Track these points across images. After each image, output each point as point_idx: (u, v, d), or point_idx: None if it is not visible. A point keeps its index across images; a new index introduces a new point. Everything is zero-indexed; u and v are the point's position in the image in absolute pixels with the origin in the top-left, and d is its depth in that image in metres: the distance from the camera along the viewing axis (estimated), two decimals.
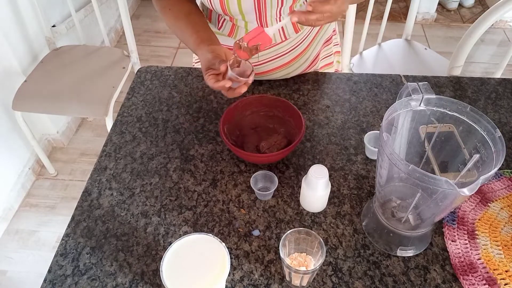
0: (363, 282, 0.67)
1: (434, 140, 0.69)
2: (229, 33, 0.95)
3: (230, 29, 0.94)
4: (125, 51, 1.81)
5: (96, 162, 0.86)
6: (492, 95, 1.00)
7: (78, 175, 1.93)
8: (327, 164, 0.84)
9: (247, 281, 0.67)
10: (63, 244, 0.72)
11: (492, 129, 0.59)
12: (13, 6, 1.68)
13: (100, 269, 0.69)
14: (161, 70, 1.07)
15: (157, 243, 0.72)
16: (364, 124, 0.93)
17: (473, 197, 0.77)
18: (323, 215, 0.76)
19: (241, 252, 0.71)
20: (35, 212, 1.79)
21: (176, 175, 0.83)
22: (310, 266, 0.64)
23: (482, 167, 0.60)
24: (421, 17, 2.87)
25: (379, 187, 0.68)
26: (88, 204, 0.78)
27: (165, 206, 0.78)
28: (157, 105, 0.98)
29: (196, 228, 0.74)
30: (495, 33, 2.81)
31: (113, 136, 0.91)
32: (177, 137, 0.90)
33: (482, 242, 0.71)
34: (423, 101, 0.64)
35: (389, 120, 0.63)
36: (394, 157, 0.56)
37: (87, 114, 1.66)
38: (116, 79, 1.68)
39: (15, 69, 1.73)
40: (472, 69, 2.52)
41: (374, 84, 1.03)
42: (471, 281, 0.66)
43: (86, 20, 2.03)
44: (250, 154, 0.82)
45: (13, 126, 1.75)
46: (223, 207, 0.77)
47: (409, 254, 0.70)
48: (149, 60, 2.59)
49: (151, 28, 2.85)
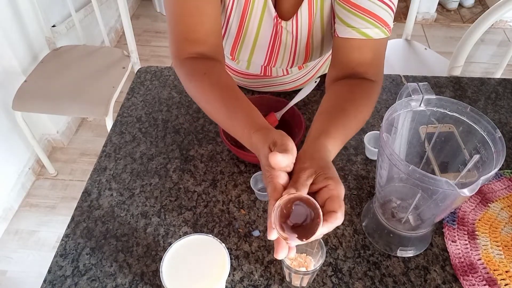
0: (363, 282, 0.67)
1: (434, 141, 0.69)
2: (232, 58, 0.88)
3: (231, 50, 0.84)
4: (125, 51, 1.81)
5: (96, 163, 0.86)
6: (492, 95, 1.00)
7: (78, 175, 1.93)
8: None
9: (247, 282, 0.67)
10: (63, 245, 0.72)
11: (492, 130, 0.59)
12: (13, 6, 1.68)
13: (100, 270, 0.69)
14: (161, 70, 1.07)
15: (157, 243, 0.72)
16: (364, 124, 0.92)
17: (473, 197, 0.77)
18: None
19: (241, 253, 0.71)
20: (35, 212, 1.79)
21: (176, 176, 0.83)
22: (310, 266, 0.64)
23: (482, 168, 0.60)
24: (421, 17, 2.87)
25: (379, 188, 0.68)
26: (88, 205, 0.78)
27: (165, 207, 0.77)
28: (157, 105, 0.98)
29: (196, 228, 0.74)
30: (495, 33, 2.81)
31: (113, 137, 0.91)
32: (177, 138, 0.90)
33: (482, 242, 0.71)
34: (423, 101, 0.64)
35: (389, 120, 0.63)
36: (394, 157, 0.56)
37: (87, 114, 1.66)
38: (116, 79, 1.68)
39: (15, 69, 1.73)
40: (472, 69, 2.52)
41: None
42: (471, 281, 0.66)
43: (86, 20, 2.03)
44: (250, 155, 0.82)
45: (13, 126, 1.75)
46: (223, 207, 0.77)
47: (409, 254, 0.69)
48: (149, 60, 2.59)
49: (151, 28, 2.85)
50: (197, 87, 0.68)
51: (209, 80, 0.67)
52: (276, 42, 0.80)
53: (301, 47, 0.80)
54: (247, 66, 0.88)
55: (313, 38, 0.79)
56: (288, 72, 0.92)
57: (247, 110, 0.62)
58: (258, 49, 0.81)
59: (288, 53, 0.82)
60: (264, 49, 0.82)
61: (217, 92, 0.66)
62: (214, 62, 0.71)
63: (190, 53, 0.71)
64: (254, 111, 0.62)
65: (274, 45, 0.81)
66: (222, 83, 0.67)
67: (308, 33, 0.78)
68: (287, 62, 0.84)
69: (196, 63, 0.70)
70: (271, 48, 0.81)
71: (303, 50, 0.81)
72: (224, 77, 0.69)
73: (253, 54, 0.82)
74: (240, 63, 0.89)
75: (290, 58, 0.83)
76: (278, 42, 0.80)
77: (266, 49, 0.82)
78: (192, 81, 0.69)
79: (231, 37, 0.80)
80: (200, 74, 0.68)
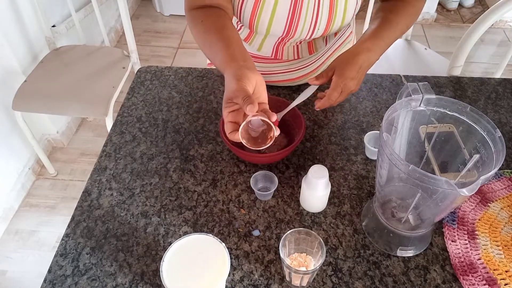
0: (363, 282, 0.67)
1: (434, 140, 0.69)
2: (245, 39, 0.94)
3: (247, 35, 0.93)
4: (125, 51, 1.81)
5: (96, 162, 0.86)
6: (492, 95, 1.00)
7: (78, 175, 1.93)
8: (327, 164, 0.84)
9: (247, 281, 0.67)
10: (63, 244, 0.72)
11: (492, 129, 0.59)
12: (13, 6, 1.68)
13: (100, 269, 0.69)
14: (161, 70, 1.07)
15: (157, 243, 0.72)
16: (364, 124, 0.92)
17: (473, 197, 0.77)
18: (323, 215, 0.76)
19: (241, 252, 0.71)
20: (35, 212, 1.79)
21: (176, 175, 0.83)
22: (310, 266, 0.64)
23: (482, 167, 0.60)
24: (421, 17, 2.87)
25: (379, 187, 0.68)
26: (88, 204, 0.78)
27: (165, 206, 0.78)
28: (157, 105, 0.98)
29: (196, 228, 0.74)
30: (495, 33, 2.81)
31: (113, 136, 0.91)
32: (177, 137, 0.90)
33: (482, 242, 0.71)
34: (423, 101, 0.64)
35: (389, 120, 0.63)
36: (394, 157, 0.56)
37: (87, 114, 1.66)
38: (116, 79, 1.68)
39: (15, 69, 1.73)
40: (472, 69, 2.52)
41: (374, 84, 1.03)
42: (471, 281, 0.66)
43: (86, 20, 2.03)
44: (250, 154, 0.82)
45: (13, 126, 1.75)
46: (223, 207, 0.77)
47: (409, 254, 0.70)
48: (149, 60, 2.59)
49: (151, 28, 2.85)
50: (195, 32, 0.81)
51: (203, 26, 0.79)
52: (298, 4, 0.80)
53: (323, 9, 0.81)
54: (259, 47, 0.90)
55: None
56: (299, 56, 0.93)
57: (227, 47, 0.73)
58: (278, 14, 0.81)
59: (310, 17, 0.82)
60: (285, 14, 0.81)
61: (209, 35, 0.77)
62: (214, 10, 0.81)
63: (198, 5, 0.82)
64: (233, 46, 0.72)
65: (295, 8, 0.81)
66: (213, 29, 0.78)
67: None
68: (307, 29, 0.84)
69: (197, 11, 0.82)
70: (292, 12, 0.81)
71: (326, 12, 0.81)
72: (220, 22, 0.79)
73: (272, 20, 0.82)
74: (257, 37, 0.90)
75: (312, 23, 0.82)
76: (300, 4, 0.80)
77: (286, 13, 0.81)
78: (192, 27, 0.82)
79: (251, 2, 0.81)
80: (198, 21, 0.80)
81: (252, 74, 0.66)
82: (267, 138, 0.67)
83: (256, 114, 0.63)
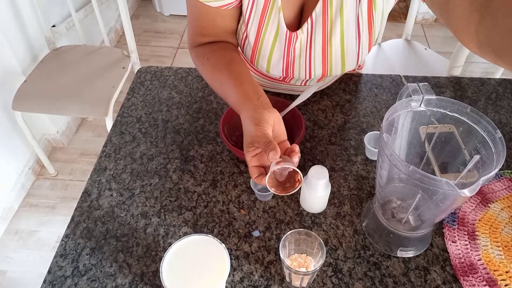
0: (363, 283, 0.67)
1: (435, 141, 0.69)
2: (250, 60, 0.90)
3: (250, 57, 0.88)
4: (125, 51, 1.81)
5: (96, 163, 0.85)
6: (492, 96, 1.00)
7: (78, 175, 1.93)
8: (327, 165, 0.84)
9: (247, 282, 0.67)
10: (63, 245, 0.72)
11: (492, 130, 0.59)
12: (13, 6, 1.68)
13: (100, 270, 0.69)
14: (161, 70, 1.07)
15: (157, 244, 0.72)
16: (364, 125, 0.92)
17: (473, 198, 0.77)
18: (323, 216, 0.76)
19: (241, 253, 0.71)
20: (35, 212, 1.79)
21: (176, 176, 0.83)
22: (310, 267, 0.64)
23: (482, 168, 0.60)
24: (421, 17, 2.87)
25: (379, 188, 0.68)
26: (87, 205, 0.78)
27: (165, 207, 0.77)
28: (157, 105, 0.98)
29: (196, 229, 0.74)
30: None
31: (113, 137, 0.91)
32: (177, 138, 0.90)
33: (483, 243, 0.71)
34: (424, 101, 0.64)
35: (389, 120, 0.63)
36: (394, 158, 0.56)
37: (87, 114, 1.66)
38: (116, 79, 1.68)
39: (15, 69, 1.73)
40: (472, 69, 2.52)
41: (374, 85, 1.03)
42: (471, 282, 0.66)
43: (86, 20, 2.03)
44: None
45: (13, 126, 1.75)
46: (223, 208, 0.77)
47: (409, 255, 0.69)
48: (149, 60, 2.59)
49: (151, 28, 2.85)
50: (202, 72, 0.81)
51: (209, 64, 0.78)
52: (290, 52, 0.80)
53: (316, 59, 0.81)
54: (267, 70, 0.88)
55: (330, 50, 0.79)
56: (306, 84, 0.93)
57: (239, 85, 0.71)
58: (274, 60, 0.82)
59: (303, 64, 0.82)
60: (280, 60, 0.82)
61: (218, 73, 0.76)
62: (218, 44, 0.80)
63: (201, 42, 0.81)
64: (245, 84, 0.70)
65: (289, 55, 0.81)
66: (221, 65, 0.76)
67: (323, 45, 0.78)
68: (304, 74, 0.84)
69: (202, 48, 0.80)
70: (286, 59, 0.82)
71: (319, 60, 0.81)
72: (227, 56, 0.77)
73: (269, 65, 0.83)
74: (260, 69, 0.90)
75: (306, 70, 0.83)
76: (293, 54, 0.80)
77: (282, 59, 0.82)
78: (198, 65, 0.81)
79: (250, 46, 0.82)
80: (204, 59, 0.79)
81: (269, 114, 0.64)
82: (296, 182, 0.64)
83: (279, 161, 0.60)
